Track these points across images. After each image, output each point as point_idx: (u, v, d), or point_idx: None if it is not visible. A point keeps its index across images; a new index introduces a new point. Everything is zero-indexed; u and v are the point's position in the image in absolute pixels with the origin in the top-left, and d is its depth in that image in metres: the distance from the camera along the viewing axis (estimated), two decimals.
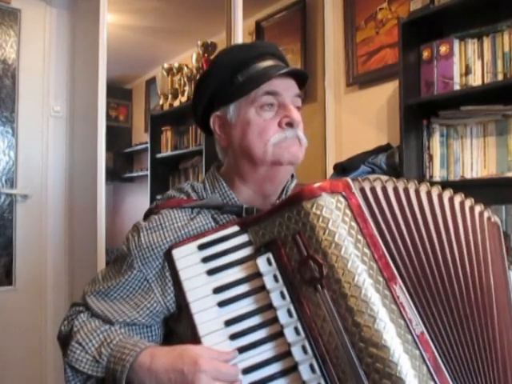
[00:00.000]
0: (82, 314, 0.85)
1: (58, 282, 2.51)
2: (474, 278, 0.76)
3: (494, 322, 0.75)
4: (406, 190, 0.79)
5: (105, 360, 0.77)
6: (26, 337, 2.39)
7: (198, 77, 3.45)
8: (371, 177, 0.79)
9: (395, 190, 0.79)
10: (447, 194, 0.82)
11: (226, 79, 0.93)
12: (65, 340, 0.84)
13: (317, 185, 0.74)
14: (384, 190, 0.78)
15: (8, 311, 2.35)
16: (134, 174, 4.78)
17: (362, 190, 0.77)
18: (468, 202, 0.83)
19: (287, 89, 0.92)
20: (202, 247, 0.81)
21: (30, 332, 2.40)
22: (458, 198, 0.82)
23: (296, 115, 0.90)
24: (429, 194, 0.80)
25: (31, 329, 2.41)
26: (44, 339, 2.44)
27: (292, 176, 1.02)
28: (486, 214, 0.85)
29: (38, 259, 2.46)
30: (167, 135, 3.93)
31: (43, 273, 2.47)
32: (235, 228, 0.81)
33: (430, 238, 0.77)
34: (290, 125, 0.90)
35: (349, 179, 0.77)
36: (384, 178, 0.80)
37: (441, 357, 0.69)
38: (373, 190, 0.77)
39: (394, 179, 0.81)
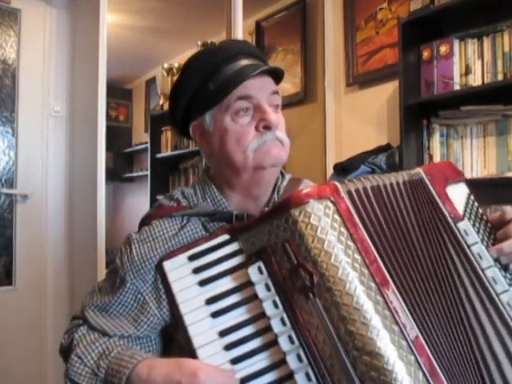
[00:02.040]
0: (81, 328, 0.84)
1: (58, 282, 2.51)
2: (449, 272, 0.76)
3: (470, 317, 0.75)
4: (379, 188, 0.78)
5: (103, 373, 0.77)
6: (26, 337, 2.39)
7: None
8: (356, 177, 0.78)
9: (372, 189, 0.77)
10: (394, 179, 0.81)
11: (197, 88, 0.91)
12: (66, 354, 0.84)
13: (304, 191, 0.73)
14: (365, 190, 0.77)
15: (8, 311, 2.35)
16: (134, 174, 4.78)
17: (349, 193, 0.75)
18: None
19: (261, 89, 0.89)
20: (192, 258, 0.80)
21: (30, 332, 2.41)
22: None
23: (272, 117, 0.87)
24: (391, 186, 0.79)
25: (31, 329, 2.42)
26: (44, 339, 2.45)
27: (282, 174, 1.00)
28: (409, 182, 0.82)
29: (38, 259, 2.47)
30: (167, 135, 3.93)
31: (43, 273, 2.47)
32: (225, 236, 0.80)
33: (409, 235, 0.76)
34: (268, 128, 0.88)
35: (337, 182, 0.75)
36: (365, 176, 0.79)
37: (436, 359, 0.68)
38: (357, 191, 0.76)
39: (373, 176, 0.79)
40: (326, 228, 0.70)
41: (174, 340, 0.86)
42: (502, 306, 0.76)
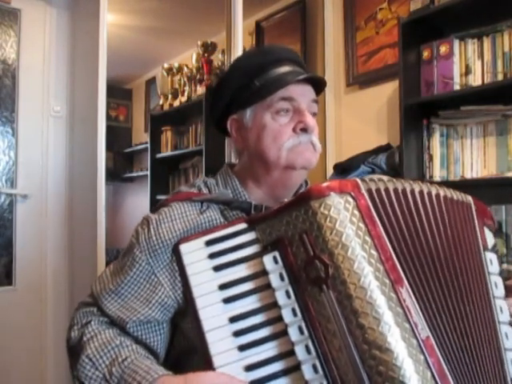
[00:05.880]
0: (92, 322, 0.83)
1: (58, 282, 2.50)
2: (466, 279, 0.79)
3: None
4: (405, 191, 0.80)
5: (115, 381, 0.76)
6: (26, 337, 2.39)
7: (198, 77, 3.47)
8: (375, 177, 0.79)
9: (395, 191, 0.79)
10: (434, 190, 0.84)
11: (243, 84, 0.95)
12: (74, 349, 0.82)
13: (325, 184, 0.74)
14: (387, 191, 0.78)
15: (8, 311, 2.34)
16: (134, 174, 4.78)
17: (370, 191, 0.76)
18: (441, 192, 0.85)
19: (303, 94, 0.93)
20: (209, 243, 0.81)
21: (30, 332, 2.40)
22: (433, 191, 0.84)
23: (310, 121, 0.92)
24: (421, 193, 0.82)
25: (31, 329, 2.41)
26: (44, 339, 2.44)
27: (306, 182, 1.03)
28: (454, 198, 0.87)
29: (38, 259, 2.46)
30: (167, 135, 3.93)
31: (43, 273, 2.47)
32: (243, 225, 0.81)
33: (433, 241, 0.78)
34: (305, 130, 0.92)
35: (358, 179, 0.76)
36: (385, 178, 0.80)
37: (446, 362, 0.68)
38: (378, 191, 0.77)
39: (395, 180, 0.81)
40: (345, 222, 0.71)
41: (179, 329, 0.87)
42: (500, 335, 0.80)
